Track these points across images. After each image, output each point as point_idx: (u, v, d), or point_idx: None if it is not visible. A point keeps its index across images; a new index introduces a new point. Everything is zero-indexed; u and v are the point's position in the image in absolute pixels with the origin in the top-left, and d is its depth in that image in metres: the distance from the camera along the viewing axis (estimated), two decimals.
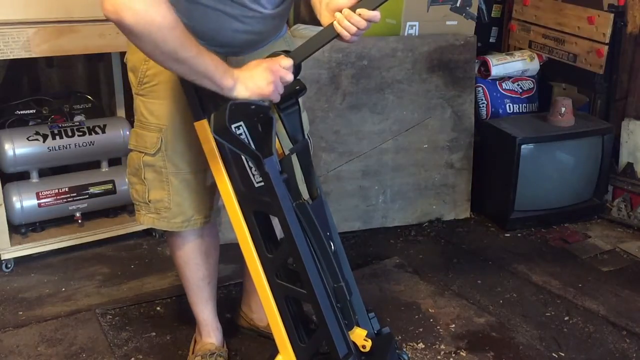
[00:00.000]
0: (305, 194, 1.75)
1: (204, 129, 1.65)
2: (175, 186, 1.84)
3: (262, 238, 1.65)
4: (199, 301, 2.06)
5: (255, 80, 1.57)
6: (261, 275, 1.66)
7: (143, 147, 1.82)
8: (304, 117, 1.99)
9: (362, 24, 1.59)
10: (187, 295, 2.07)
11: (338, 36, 1.62)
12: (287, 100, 1.72)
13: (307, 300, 1.63)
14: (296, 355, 1.66)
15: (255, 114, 1.62)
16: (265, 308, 1.68)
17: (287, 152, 1.70)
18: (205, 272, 2.02)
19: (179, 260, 2.00)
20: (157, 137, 1.79)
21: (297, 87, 1.72)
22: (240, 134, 1.62)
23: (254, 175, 1.62)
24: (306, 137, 1.79)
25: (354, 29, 1.59)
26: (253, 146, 1.61)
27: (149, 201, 1.86)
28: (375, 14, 1.59)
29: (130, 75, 1.83)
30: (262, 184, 1.60)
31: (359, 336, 1.70)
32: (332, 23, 1.62)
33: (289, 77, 1.61)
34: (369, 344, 1.69)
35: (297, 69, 1.65)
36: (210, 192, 1.89)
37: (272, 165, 1.55)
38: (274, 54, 1.64)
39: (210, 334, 2.09)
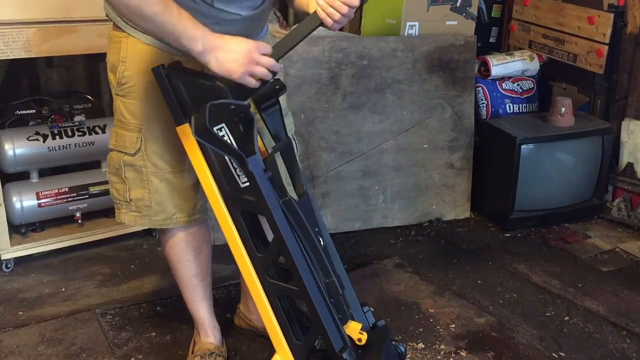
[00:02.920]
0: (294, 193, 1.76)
1: (185, 133, 1.66)
2: (156, 185, 1.84)
3: (252, 238, 1.66)
4: (194, 299, 2.06)
5: (230, 58, 1.55)
6: (253, 275, 1.66)
7: (123, 147, 1.83)
8: (289, 119, 2.00)
9: (344, 9, 1.59)
10: (182, 294, 2.08)
11: (322, 24, 1.63)
12: (268, 99, 1.73)
13: (300, 297, 1.63)
14: (293, 353, 1.66)
15: (236, 114, 1.62)
16: (259, 308, 1.68)
17: (270, 151, 1.70)
18: (197, 269, 2.02)
19: (171, 257, 2.01)
20: (136, 137, 1.80)
21: (277, 87, 1.72)
22: (223, 135, 1.62)
23: (239, 175, 1.63)
24: (290, 135, 1.79)
25: (337, 15, 1.60)
26: (236, 147, 1.62)
27: (130, 200, 1.87)
28: None
29: (110, 76, 1.83)
30: (248, 184, 1.60)
31: (354, 330, 1.70)
32: (314, 11, 1.63)
33: (262, 72, 1.58)
34: (364, 337, 1.69)
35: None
36: (193, 191, 1.89)
37: (256, 164, 1.56)
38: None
39: (208, 333, 2.09)
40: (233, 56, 1.55)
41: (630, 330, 2.37)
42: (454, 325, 2.38)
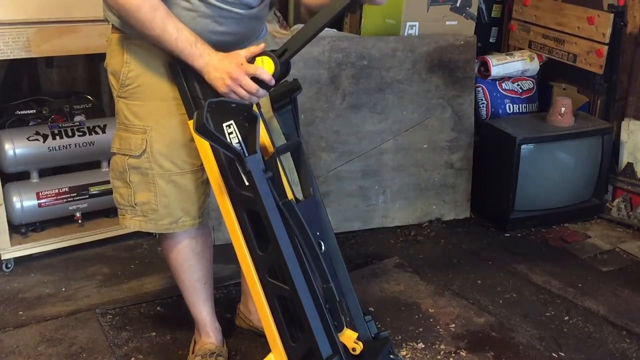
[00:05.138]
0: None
1: None
2: (162, 187, 1.82)
3: (255, 236, 1.65)
4: (196, 302, 2.06)
5: (217, 75, 1.62)
6: (252, 272, 1.66)
7: (127, 150, 1.82)
8: None
9: None
10: (184, 297, 2.07)
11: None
12: (281, 99, 1.73)
13: (292, 298, 1.62)
14: (287, 354, 1.65)
15: (239, 112, 1.63)
16: (257, 306, 1.68)
17: (276, 151, 1.70)
18: (200, 273, 2.02)
19: (173, 262, 2.00)
20: (141, 138, 1.79)
21: (293, 87, 1.72)
22: (231, 132, 1.63)
23: (244, 174, 1.62)
24: (299, 136, 1.79)
25: None
26: (244, 145, 1.62)
27: (135, 204, 1.85)
28: None
29: (111, 79, 1.83)
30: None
31: (349, 338, 1.68)
32: None
33: (243, 94, 1.62)
34: (359, 346, 1.67)
35: (286, 66, 1.64)
36: (199, 193, 1.88)
37: (255, 163, 1.56)
38: (262, 54, 1.63)
39: (209, 334, 2.10)
40: (220, 74, 1.62)
41: (630, 330, 2.37)
42: (454, 325, 2.38)
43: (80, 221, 2.83)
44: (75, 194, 2.81)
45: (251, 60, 1.62)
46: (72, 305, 2.47)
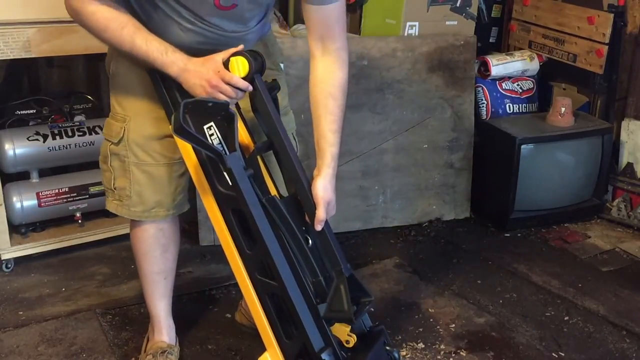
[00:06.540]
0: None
1: None
2: (136, 176, 1.87)
3: (242, 235, 1.65)
4: (153, 296, 2.08)
5: (196, 82, 1.62)
6: (242, 272, 1.66)
7: (109, 136, 1.87)
8: (289, 118, 2.01)
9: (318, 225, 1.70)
10: (143, 289, 2.09)
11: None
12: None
13: (281, 294, 1.62)
14: (282, 352, 1.66)
15: (217, 111, 1.64)
16: (250, 305, 1.68)
17: (256, 149, 1.71)
18: (162, 266, 2.03)
19: (137, 251, 2.02)
20: (120, 126, 1.84)
21: (271, 87, 1.73)
22: (212, 134, 1.64)
23: (225, 172, 1.63)
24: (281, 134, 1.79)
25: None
26: (224, 145, 1.63)
27: (115, 188, 1.91)
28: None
29: (107, 68, 1.90)
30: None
31: (342, 331, 1.68)
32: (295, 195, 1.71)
33: (222, 98, 1.62)
34: (353, 339, 1.67)
35: (261, 65, 1.67)
36: (172, 187, 1.90)
37: (235, 161, 1.56)
38: (248, 52, 1.64)
39: (162, 331, 2.10)
40: (199, 81, 1.62)
41: (630, 330, 2.37)
42: (454, 325, 2.38)
43: (80, 221, 2.83)
44: (75, 194, 2.81)
45: (227, 61, 1.63)
46: (72, 305, 2.47)
